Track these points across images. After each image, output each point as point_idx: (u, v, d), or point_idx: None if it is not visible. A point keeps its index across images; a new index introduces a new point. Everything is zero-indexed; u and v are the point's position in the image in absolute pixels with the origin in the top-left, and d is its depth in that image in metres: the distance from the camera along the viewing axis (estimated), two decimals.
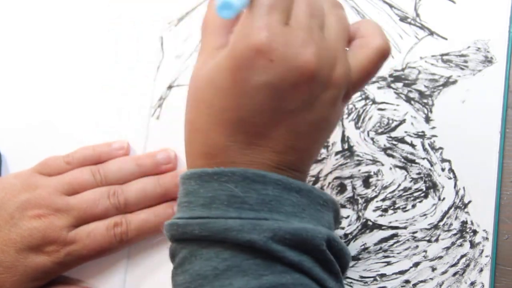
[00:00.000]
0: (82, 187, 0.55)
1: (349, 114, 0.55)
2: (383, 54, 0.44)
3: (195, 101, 0.43)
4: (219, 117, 0.41)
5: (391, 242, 0.53)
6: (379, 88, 0.55)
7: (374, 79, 0.54)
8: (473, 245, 0.52)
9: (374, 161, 0.54)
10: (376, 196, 0.54)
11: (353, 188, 0.54)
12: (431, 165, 0.53)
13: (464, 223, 0.52)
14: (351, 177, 0.54)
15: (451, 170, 0.53)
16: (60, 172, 0.56)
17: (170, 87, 0.59)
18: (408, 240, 0.53)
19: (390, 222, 0.53)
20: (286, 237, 0.39)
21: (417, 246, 0.53)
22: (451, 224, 0.52)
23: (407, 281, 0.52)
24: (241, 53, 0.40)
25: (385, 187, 0.54)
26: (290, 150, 0.42)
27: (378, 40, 0.44)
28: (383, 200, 0.54)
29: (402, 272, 0.52)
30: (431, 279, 0.52)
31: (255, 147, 0.41)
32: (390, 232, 0.53)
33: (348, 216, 0.54)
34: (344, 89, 0.43)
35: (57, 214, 0.53)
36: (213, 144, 0.42)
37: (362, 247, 0.53)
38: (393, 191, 0.54)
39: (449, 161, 0.53)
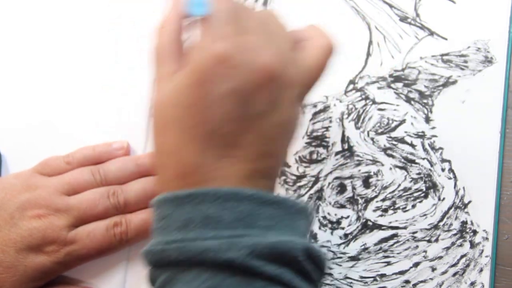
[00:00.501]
0: (82, 187, 0.55)
1: (349, 114, 0.55)
2: (328, 51, 0.46)
3: (162, 125, 0.43)
4: (189, 135, 0.42)
5: (391, 242, 0.53)
6: (379, 88, 0.55)
7: (374, 79, 0.54)
8: (473, 245, 0.52)
9: (374, 161, 0.54)
10: (376, 196, 0.54)
11: (353, 188, 0.54)
12: (431, 165, 0.54)
13: (464, 223, 0.52)
14: (351, 177, 0.54)
15: (451, 170, 0.53)
16: (60, 172, 0.56)
17: None
18: (408, 240, 0.53)
19: (390, 222, 0.53)
20: (264, 251, 0.39)
21: (417, 246, 0.53)
22: (451, 224, 0.52)
23: (407, 281, 0.52)
24: (200, 67, 0.41)
25: (385, 187, 0.54)
26: (261, 157, 0.42)
27: (322, 39, 0.46)
28: (383, 200, 0.54)
29: (402, 272, 0.52)
30: (431, 279, 0.52)
31: (227, 159, 0.42)
32: (390, 232, 0.53)
33: (348, 216, 0.54)
34: (298, 88, 0.44)
35: (57, 214, 0.53)
36: (185, 163, 0.42)
37: (362, 247, 0.53)
38: (393, 191, 0.54)
39: (449, 161, 0.53)
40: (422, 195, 0.53)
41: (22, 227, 0.52)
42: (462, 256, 0.52)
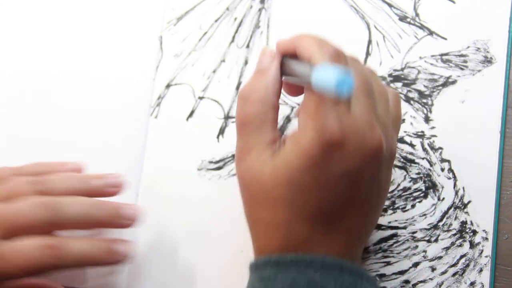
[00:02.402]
0: (18, 194, 0.49)
1: None
2: (400, 102, 0.48)
3: (269, 200, 0.43)
4: (300, 212, 0.42)
5: (391, 242, 0.53)
6: None
7: None
8: (472, 245, 0.52)
9: None
10: None
11: None
12: (431, 165, 0.53)
13: (463, 223, 0.52)
14: None
15: (450, 170, 0.53)
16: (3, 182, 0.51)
17: (168, 86, 0.59)
18: (407, 240, 0.53)
19: (390, 222, 0.53)
20: None
21: (416, 246, 0.52)
22: (450, 224, 0.52)
23: (406, 281, 0.52)
24: (317, 150, 0.41)
25: None
26: (362, 226, 0.44)
27: (391, 92, 0.47)
28: None
29: (401, 272, 0.52)
30: (431, 279, 0.52)
31: (333, 232, 0.43)
32: (389, 232, 0.53)
33: None
34: (395, 155, 0.45)
35: None
36: (295, 237, 0.42)
37: None
38: (393, 191, 0.54)
39: (448, 161, 0.53)
40: (422, 195, 0.53)
41: None
42: (461, 256, 0.52)
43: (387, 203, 0.53)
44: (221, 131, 0.57)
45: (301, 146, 0.41)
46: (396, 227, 0.53)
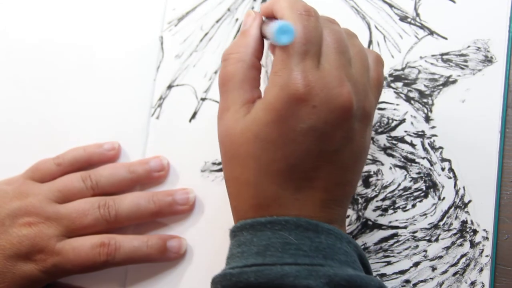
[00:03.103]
0: (72, 194, 0.54)
1: None
2: (382, 64, 0.47)
3: (239, 157, 0.43)
4: (268, 169, 0.42)
5: (391, 241, 0.53)
6: None
7: None
8: (473, 244, 0.52)
9: (374, 161, 0.54)
10: (376, 196, 0.54)
11: None
12: (431, 165, 0.54)
13: (464, 222, 0.52)
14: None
15: (451, 169, 0.53)
16: (52, 175, 0.56)
17: (170, 86, 0.59)
18: (408, 239, 0.53)
19: (390, 222, 0.53)
20: (342, 283, 0.39)
21: (417, 246, 0.53)
22: (451, 224, 0.52)
23: (407, 281, 0.52)
24: (282, 105, 0.41)
25: (385, 187, 0.54)
26: (337, 186, 0.43)
27: (372, 53, 0.47)
28: (383, 199, 0.54)
29: (402, 272, 0.53)
30: (431, 278, 0.52)
31: (305, 190, 0.42)
32: (390, 231, 0.53)
33: (348, 216, 0.54)
34: (373, 115, 0.45)
35: (46, 222, 0.53)
36: (264, 195, 0.42)
37: (362, 247, 0.53)
38: (393, 190, 0.54)
39: (449, 160, 0.53)
40: (422, 194, 0.53)
41: (12, 234, 0.52)
42: (462, 256, 0.52)
43: (387, 202, 0.54)
44: None
45: (267, 101, 0.42)
46: (397, 227, 0.53)
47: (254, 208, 0.43)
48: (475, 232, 0.52)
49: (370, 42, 0.56)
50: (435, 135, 0.54)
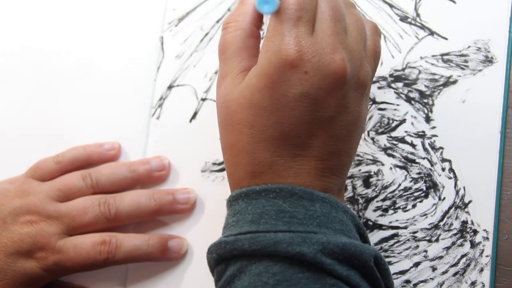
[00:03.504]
0: (73, 193, 0.55)
1: None
2: (379, 34, 0.47)
3: (234, 124, 0.43)
4: (262, 135, 0.42)
5: (392, 242, 0.53)
6: (379, 88, 0.55)
7: (374, 79, 0.54)
8: (473, 245, 0.52)
9: (375, 161, 0.54)
10: (376, 196, 0.54)
11: (354, 188, 0.54)
12: (432, 165, 0.54)
13: (464, 223, 0.52)
14: (351, 177, 0.55)
15: (451, 170, 0.53)
16: (52, 174, 0.56)
17: (170, 87, 0.59)
18: (408, 240, 0.53)
19: (391, 222, 0.53)
20: (336, 250, 0.39)
21: (417, 246, 0.53)
22: (451, 224, 0.52)
23: (407, 281, 0.52)
24: (274, 70, 0.41)
25: (386, 187, 0.54)
26: (332, 155, 0.43)
27: (369, 23, 0.47)
28: (384, 200, 0.54)
29: (402, 272, 0.53)
30: (432, 279, 0.52)
31: (299, 158, 0.42)
32: (390, 232, 0.53)
33: None
34: (369, 84, 0.44)
35: (47, 220, 0.53)
36: (258, 162, 0.42)
37: None
38: (394, 191, 0.54)
39: (449, 161, 0.53)
40: (423, 194, 0.53)
41: (13, 232, 0.52)
42: (462, 256, 0.52)
43: (388, 203, 0.54)
44: None
45: (260, 67, 0.42)
46: (397, 227, 0.53)
47: (249, 175, 0.43)
48: (475, 232, 0.52)
49: None
50: (436, 136, 0.54)
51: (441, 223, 0.53)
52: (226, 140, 0.44)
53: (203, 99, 0.58)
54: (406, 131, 0.54)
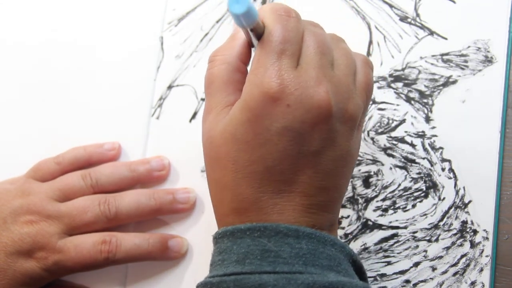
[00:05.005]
0: (72, 192, 0.55)
1: None
2: (371, 67, 0.46)
3: (218, 159, 0.43)
4: (246, 171, 0.41)
5: (391, 242, 0.53)
6: (379, 88, 0.55)
7: (374, 79, 0.54)
8: (473, 245, 0.52)
9: (374, 161, 0.54)
10: (376, 196, 0.54)
11: (353, 188, 0.54)
12: (431, 165, 0.54)
13: (464, 223, 0.52)
14: (351, 177, 0.55)
15: (451, 170, 0.53)
16: (52, 174, 0.56)
17: (170, 87, 0.59)
18: (408, 240, 0.53)
19: (390, 222, 0.53)
20: None
21: (417, 246, 0.53)
22: (451, 224, 0.52)
23: (407, 281, 0.52)
24: (256, 104, 0.40)
25: (385, 187, 0.54)
26: (320, 190, 0.42)
27: (360, 56, 0.46)
28: (383, 200, 0.54)
29: (402, 272, 0.53)
30: (431, 279, 0.52)
31: (284, 194, 0.41)
32: (390, 232, 0.53)
33: (348, 216, 0.54)
34: (358, 118, 0.43)
35: (48, 220, 0.53)
36: (242, 198, 0.42)
37: (362, 247, 0.53)
38: (393, 191, 0.54)
39: (449, 161, 0.53)
40: (422, 194, 0.53)
41: (13, 232, 0.52)
42: (462, 256, 0.52)
43: (388, 203, 0.54)
44: None
45: (243, 100, 0.41)
46: (397, 227, 0.53)
47: (234, 211, 0.42)
48: (475, 232, 0.52)
49: (370, 43, 0.56)
50: (435, 136, 0.54)
51: (441, 223, 0.53)
52: (211, 176, 0.44)
53: (203, 99, 0.58)
54: (406, 131, 0.54)
